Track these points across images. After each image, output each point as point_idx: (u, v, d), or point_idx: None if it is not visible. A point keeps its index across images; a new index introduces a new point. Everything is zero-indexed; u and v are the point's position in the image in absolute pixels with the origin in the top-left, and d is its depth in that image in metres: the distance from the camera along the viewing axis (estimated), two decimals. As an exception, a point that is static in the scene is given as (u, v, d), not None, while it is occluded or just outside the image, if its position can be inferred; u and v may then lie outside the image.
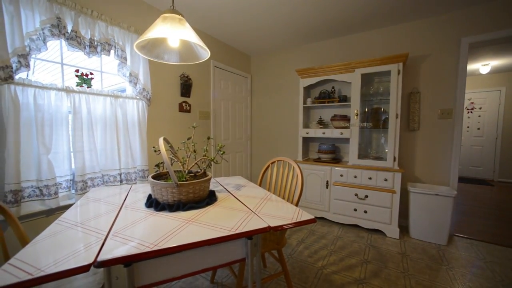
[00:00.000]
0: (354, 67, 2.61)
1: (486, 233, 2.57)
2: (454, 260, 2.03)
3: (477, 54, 3.81)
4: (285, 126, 3.62)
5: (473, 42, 2.36)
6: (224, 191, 1.45)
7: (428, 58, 2.56)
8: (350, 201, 2.61)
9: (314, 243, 2.31)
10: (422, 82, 2.61)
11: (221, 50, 3.27)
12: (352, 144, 2.64)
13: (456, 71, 2.44)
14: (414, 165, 2.67)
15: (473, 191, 4.34)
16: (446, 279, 1.77)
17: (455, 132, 2.45)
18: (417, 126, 2.62)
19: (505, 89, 4.97)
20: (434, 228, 2.30)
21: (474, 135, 5.32)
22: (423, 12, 2.44)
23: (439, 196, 2.24)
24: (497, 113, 5.07)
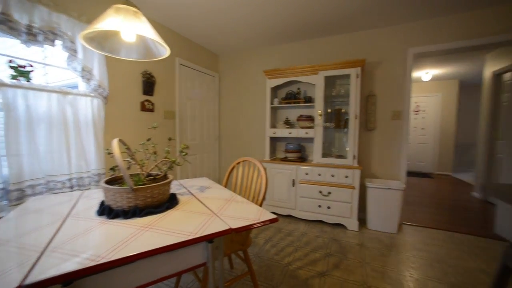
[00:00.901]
0: (318, 70, 2.74)
1: (427, 219, 2.92)
2: (402, 245, 2.26)
3: (421, 63, 4.30)
4: (253, 126, 3.65)
5: (418, 52, 2.65)
6: (187, 193, 1.40)
7: (382, 64, 2.81)
8: (315, 198, 2.74)
9: (281, 240, 2.37)
10: (377, 86, 2.85)
11: (187, 48, 3.16)
12: (316, 143, 2.77)
13: (404, 77, 2.72)
14: (371, 162, 2.91)
15: (418, 183, 4.91)
16: (395, 263, 1.96)
17: (404, 131, 2.74)
18: (373, 126, 2.85)
19: (441, 95, 5.71)
20: (387, 219, 2.53)
21: (419, 134, 6.01)
22: (378, 22, 2.66)
23: (391, 190, 2.47)
24: (437, 115, 5.80)
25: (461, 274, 1.84)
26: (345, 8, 2.35)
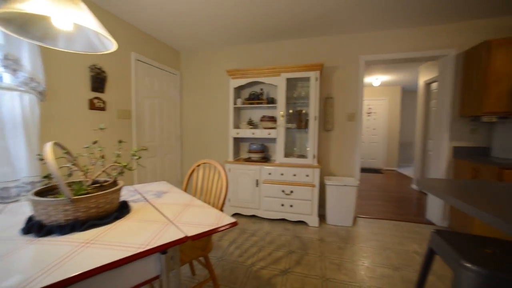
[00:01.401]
0: (280, 72, 2.80)
1: (377, 211, 3.24)
2: (356, 237, 2.46)
3: (372, 69, 4.76)
4: (217, 126, 3.57)
5: (368, 60, 2.91)
6: (142, 200, 1.29)
7: (339, 69, 3.01)
8: (278, 197, 2.80)
9: (245, 241, 2.37)
10: (334, 89, 3.04)
11: (145, 43, 2.93)
12: (278, 143, 2.83)
13: (357, 82, 2.96)
14: (329, 160, 3.10)
15: (370, 178, 5.42)
16: (350, 254, 2.12)
17: (357, 132, 2.98)
18: (331, 127, 3.04)
19: (388, 99, 6.42)
20: (343, 213, 2.73)
21: (371, 134, 6.64)
22: (334, 30, 2.84)
23: (347, 186, 2.67)
24: (385, 117, 6.49)
25: (402, 257, 2.07)
26: (305, 14, 2.45)
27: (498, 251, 0.88)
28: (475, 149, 2.66)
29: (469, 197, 0.97)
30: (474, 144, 2.67)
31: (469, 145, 2.68)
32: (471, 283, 0.77)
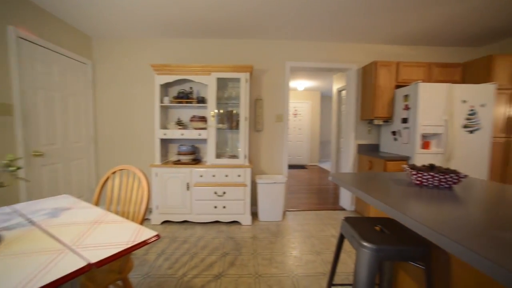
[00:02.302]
0: (210, 71, 2.73)
1: (303, 203, 3.62)
2: (285, 230, 2.67)
3: (297, 75, 5.27)
4: (141, 126, 3.18)
5: (293, 66, 3.19)
6: (25, 224, 0.99)
7: (268, 72, 3.18)
8: (211, 199, 2.73)
9: (176, 251, 2.20)
10: (263, 91, 3.19)
11: (34, 18, 2.29)
12: (209, 144, 2.76)
13: (283, 85, 3.21)
14: (260, 160, 3.24)
15: (297, 174, 6.01)
16: (280, 247, 2.28)
17: (284, 132, 3.23)
18: (261, 128, 3.18)
19: (311, 102, 7.29)
20: (274, 209, 2.90)
21: (298, 133, 7.38)
22: (264, 34, 2.98)
23: (276, 183, 2.85)
24: (308, 119, 7.34)
25: (323, 242, 2.37)
26: (236, 15, 2.46)
27: (384, 227, 1.10)
28: (370, 146, 3.31)
29: (365, 187, 1.18)
30: (370, 141, 3.32)
31: (367, 143, 3.32)
32: (366, 257, 0.93)
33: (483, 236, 0.65)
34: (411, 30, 2.78)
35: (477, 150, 2.64)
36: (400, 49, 3.27)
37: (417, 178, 1.18)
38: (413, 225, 0.76)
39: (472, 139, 2.62)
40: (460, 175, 1.10)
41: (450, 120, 2.57)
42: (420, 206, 0.89)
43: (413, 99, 2.60)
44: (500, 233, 0.67)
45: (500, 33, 2.85)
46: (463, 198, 1.01)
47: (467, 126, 2.61)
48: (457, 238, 0.63)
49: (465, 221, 0.75)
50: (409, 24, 2.62)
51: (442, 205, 0.91)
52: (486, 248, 0.58)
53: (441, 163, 2.62)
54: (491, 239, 0.63)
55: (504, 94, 2.75)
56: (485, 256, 0.54)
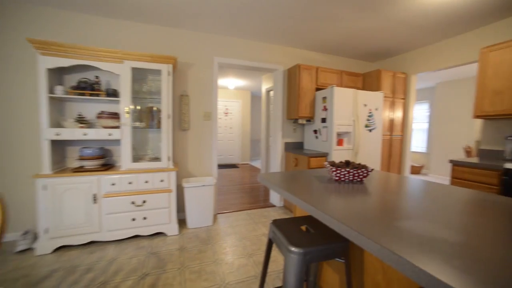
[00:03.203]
0: (123, 58, 2.27)
1: (235, 204, 3.56)
2: (216, 235, 2.52)
3: (227, 73, 5.17)
4: (20, 123, 2.35)
5: (221, 62, 3.06)
6: None
7: (194, 66, 2.93)
8: (127, 211, 2.29)
9: (74, 285, 1.70)
10: (190, 87, 2.93)
11: None
12: (124, 146, 2.30)
13: (212, 82, 3.04)
14: (187, 161, 2.96)
15: (228, 173, 5.95)
16: (211, 255, 2.12)
17: (213, 131, 3.07)
18: (187, 126, 2.91)
19: (241, 101, 7.38)
20: (203, 214, 2.70)
21: (229, 132, 7.32)
22: (191, 25, 2.71)
23: (205, 186, 2.66)
24: (239, 117, 7.40)
25: (254, 243, 2.36)
26: (150, -6, 2.11)
27: (310, 225, 1.11)
28: (296, 144, 3.56)
29: (290, 187, 1.17)
30: (295, 140, 3.57)
31: (293, 141, 3.55)
32: (294, 262, 0.90)
33: (380, 226, 0.69)
34: (327, 40, 3.11)
35: (374, 146, 3.22)
36: (319, 56, 3.64)
37: (336, 175, 1.27)
38: (331, 223, 0.76)
39: (371, 136, 3.18)
40: (368, 169, 1.24)
41: (357, 120, 3.03)
42: (337, 203, 0.93)
43: (330, 101, 2.92)
44: (396, 222, 0.74)
45: (387, 52, 3.57)
46: (370, 190, 1.12)
47: (367, 126, 3.14)
48: (364, 232, 0.64)
49: (371, 214, 0.80)
50: (326, 34, 2.93)
51: (354, 199, 0.97)
52: (383, 237, 0.60)
53: (351, 158, 3.06)
54: (389, 228, 0.68)
55: (388, 101, 3.46)
56: (377, 242, 0.56)
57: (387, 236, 0.64)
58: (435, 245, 0.59)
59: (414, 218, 0.77)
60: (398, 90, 3.52)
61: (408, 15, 2.42)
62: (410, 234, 0.65)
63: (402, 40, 3.10)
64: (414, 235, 0.65)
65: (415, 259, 0.53)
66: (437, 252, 0.56)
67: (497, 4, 2.22)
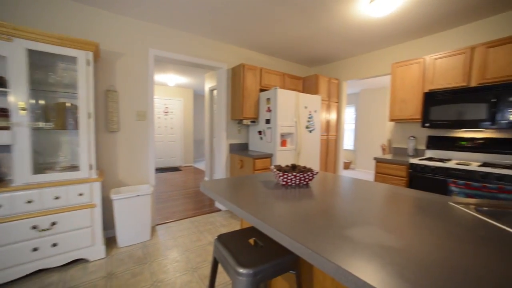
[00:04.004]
0: (13, 35, 1.71)
1: (177, 212, 3.25)
2: (155, 251, 2.21)
3: (166, 68, 4.70)
4: None
5: (158, 55, 2.71)
6: None
7: (125, 57, 2.49)
8: (24, 240, 1.75)
9: None
10: (119, 81, 2.49)
11: None
12: (18, 153, 1.75)
13: (147, 77, 2.66)
14: (117, 169, 2.51)
15: (170, 177, 5.47)
16: (147, 278, 1.83)
17: (150, 132, 2.70)
18: (116, 127, 2.47)
19: (183, 99, 6.90)
20: (139, 228, 2.34)
21: (169, 133, 6.74)
22: (119, 7, 2.28)
23: (140, 196, 2.31)
24: (181, 117, 6.90)
25: (199, 254, 2.17)
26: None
27: (258, 238, 1.04)
28: (241, 145, 3.51)
29: (235, 195, 1.07)
30: (240, 141, 3.51)
31: (238, 142, 3.48)
32: (244, 284, 0.80)
33: (325, 235, 0.67)
34: (270, 42, 3.15)
35: (314, 146, 3.45)
36: (263, 57, 3.67)
37: (284, 179, 1.24)
38: (279, 238, 0.70)
39: (311, 137, 3.39)
40: (314, 172, 1.26)
41: (298, 122, 3.18)
42: (285, 212, 0.88)
43: (273, 102, 2.97)
44: (340, 230, 0.73)
45: (324, 59, 3.89)
46: (315, 194, 1.13)
47: (308, 127, 3.34)
48: (310, 244, 0.60)
49: (317, 222, 0.78)
50: (269, 36, 2.95)
51: (301, 206, 0.95)
52: (328, 247, 0.58)
53: (293, 158, 3.19)
54: (334, 237, 0.66)
55: (324, 104, 3.78)
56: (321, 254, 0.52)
57: (331, 245, 0.61)
58: (376, 251, 0.59)
59: (356, 222, 0.78)
60: (333, 94, 3.89)
61: (340, 27, 2.66)
62: (353, 242, 0.64)
63: (335, 49, 3.42)
64: (357, 243, 0.64)
65: (359, 270, 0.50)
66: (376, 259, 0.55)
67: (405, 29, 2.66)
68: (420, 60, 2.65)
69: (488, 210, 0.99)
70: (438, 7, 2.23)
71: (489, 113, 2.16)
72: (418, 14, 2.36)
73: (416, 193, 1.17)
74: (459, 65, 2.38)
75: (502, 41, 2.12)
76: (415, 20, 2.50)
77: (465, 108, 2.30)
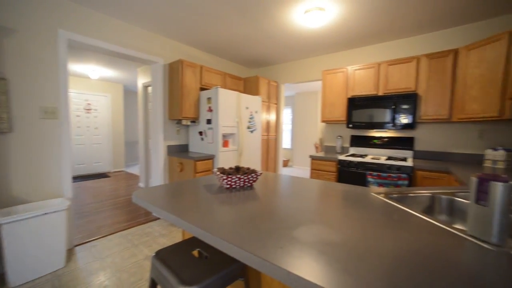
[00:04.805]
0: None
1: (105, 226, 2.78)
2: (73, 280, 1.82)
3: (87, 57, 3.95)
4: None
5: (73, 39, 2.24)
6: None
7: (16, 35, 1.94)
8: None
9: None
10: (10, 66, 1.92)
11: None
12: None
13: (58, 65, 2.16)
14: (9, 182, 1.94)
15: (94, 186, 4.66)
16: (62, 314, 1.48)
17: (64, 134, 2.21)
18: (7, 127, 1.90)
19: (111, 95, 5.99)
20: (47, 255, 1.87)
21: (93, 134, 5.73)
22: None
23: (48, 214, 1.85)
24: (108, 115, 5.97)
25: (134, 273, 1.89)
26: None
27: (203, 248, 0.97)
28: (180, 146, 3.28)
29: (174, 203, 0.97)
30: (180, 142, 3.28)
31: (177, 143, 3.24)
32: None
33: (271, 238, 0.68)
34: (211, 40, 3.04)
35: (255, 146, 3.53)
36: (204, 55, 3.52)
37: (227, 182, 1.19)
38: (224, 248, 0.66)
39: (252, 137, 3.46)
40: (258, 173, 1.26)
41: (240, 122, 3.19)
42: (229, 218, 0.84)
43: (215, 102, 2.88)
44: (288, 232, 0.75)
45: (264, 62, 4.02)
46: (260, 195, 1.13)
47: (249, 127, 3.39)
48: (256, 251, 0.60)
49: (263, 225, 0.78)
50: (210, 34, 2.84)
51: (246, 209, 0.93)
52: (274, 251, 0.58)
53: (236, 158, 3.18)
54: (279, 239, 0.67)
55: (264, 105, 3.93)
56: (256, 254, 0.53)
57: (280, 249, 0.61)
58: (322, 250, 0.62)
59: (300, 222, 0.81)
60: (272, 96, 4.07)
61: (278, 32, 2.80)
62: (300, 242, 0.66)
63: (274, 53, 3.59)
64: (303, 243, 0.66)
65: (309, 273, 0.51)
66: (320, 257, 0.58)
67: (334, 41, 3.02)
68: (344, 69, 3.06)
69: (396, 196, 1.20)
70: (359, 28, 2.62)
71: (390, 117, 2.67)
72: (344, 31, 2.71)
73: (344, 186, 1.32)
74: (371, 77, 2.85)
75: (397, 61, 2.66)
76: (343, 35, 2.86)
77: (376, 112, 2.77)
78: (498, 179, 0.63)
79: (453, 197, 1.18)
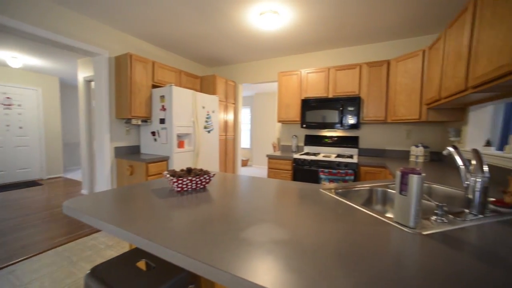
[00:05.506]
0: None
1: (34, 243, 2.36)
2: (-14, 312, 1.50)
3: (5, 40, 3.29)
4: None
5: (-18, 20, 1.84)
6: None
7: None
8: None
9: None
10: None
11: None
12: None
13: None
14: None
15: (21, 197, 3.93)
16: None
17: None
18: None
19: (42, 89, 5.13)
20: None
21: (17, 134, 4.82)
22: None
23: None
24: (39, 113, 5.10)
25: (70, 294, 1.66)
26: None
27: (149, 258, 0.90)
28: (131, 148, 3.00)
29: (116, 213, 0.88)
30: (129, 143, 3.00)
31: (126, 145, 2.96)
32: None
33: (224, 243, 0.68)
34: (164, 33, 2.86)
35: (213, 146, 3.46)
36: (157, 50, 3.29)
37: (178, 186, 1.13)
38: (166, 255, 0.62)
39: (210, 137, 3.38)
40: (210, 174, 1.23)
41: (196, 122, 3.08)
42: (179, 223, 0.80)
43: (168, 100, 2.72)
44: (238, 233, 0.75)
45: (221, 61, 3.96)
46: (213, 197, 1.11)
47: (206, 127, 3.30)
48: (205, 258, 0.58)
49: (215, 229, 0.77)
50: (162, 27, 2.67)
51: (197, 213, 0.90)
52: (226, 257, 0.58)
53: (192, 159, 3.06)
54: (232, 243, 0.67)
55: (222, 105, 3.88)
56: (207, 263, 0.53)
57: (228, 253, 0.60)
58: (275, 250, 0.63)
59: (251, 222, 0.82)
60: (230, 95, 4.05)
61: (234, 31, 2.80)
62: (249, 243, 0.66)
63: (231, 52, 3.57)
64: (252, 244, 0.66)
65: (253, 274, 0.52)
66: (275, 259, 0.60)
67: (289, 45, 3.15)
68: (298, 72, 3.22)
69: (341, 191, 1.31)
70: (311, 34, 2.79)
71: (339, 117, 2.92)
72: (298, 35, 2.85)
73: (297, 184, 1.39)
74: (322, 80, 3.07)
75: (344, 67, 2.93)
76: (297, 39, 3.00)
77: (326, 113, 3.00)
78: (414, 172, 0.74)
79: (386, 189, 1.35)
